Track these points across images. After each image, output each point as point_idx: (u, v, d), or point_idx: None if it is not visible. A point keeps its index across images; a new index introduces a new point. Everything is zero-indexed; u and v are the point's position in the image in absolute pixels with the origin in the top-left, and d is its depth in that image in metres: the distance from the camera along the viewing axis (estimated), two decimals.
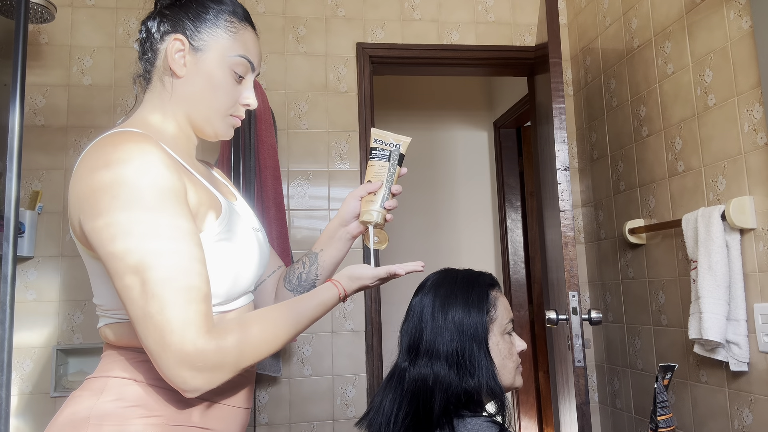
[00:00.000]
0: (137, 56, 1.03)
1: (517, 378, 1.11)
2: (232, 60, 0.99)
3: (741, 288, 1.63)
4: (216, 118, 1.00)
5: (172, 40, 0.96)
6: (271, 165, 2.22)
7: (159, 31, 0.98)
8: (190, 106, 0.99)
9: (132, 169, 0.83)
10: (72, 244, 2.26)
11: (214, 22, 0.98)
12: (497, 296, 1.12)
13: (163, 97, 0.99)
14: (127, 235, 0.81)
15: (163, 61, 0.98)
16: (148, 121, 0.98)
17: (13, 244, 1.41)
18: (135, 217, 0.81)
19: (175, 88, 0.98)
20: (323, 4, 2.59)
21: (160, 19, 0.99)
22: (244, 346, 0.85)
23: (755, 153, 1.61)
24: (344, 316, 2.44)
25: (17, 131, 1.46)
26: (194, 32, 0.97)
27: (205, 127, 1.01)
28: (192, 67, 0.97)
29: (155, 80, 1.00)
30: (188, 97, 0.98)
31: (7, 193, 1.43)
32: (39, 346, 2.20)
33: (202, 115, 1.00)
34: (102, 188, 0.82)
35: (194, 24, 0.97)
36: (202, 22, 0.97)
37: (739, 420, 1.68)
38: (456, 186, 4.06)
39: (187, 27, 0.97)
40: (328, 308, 0.98)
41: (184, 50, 0.97)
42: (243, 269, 0.97)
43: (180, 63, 0.97)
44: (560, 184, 1.78)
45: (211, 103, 0.99)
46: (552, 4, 1.90)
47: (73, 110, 2.34)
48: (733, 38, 1.69)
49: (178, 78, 0.97)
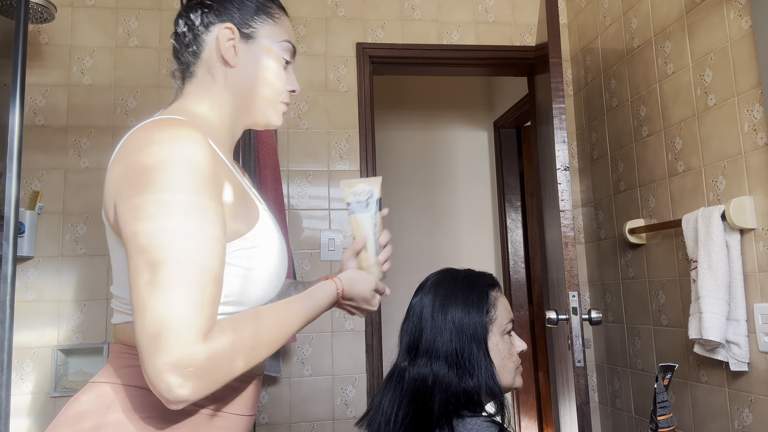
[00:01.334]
0: (174, 50, 1.00)
1: (517, 378, 1.11)
2: (281, 45, 0.99)
3: (741, 288, 1.63)
4: (269, 105, 1.00)
5: (222, 29, 0.95)
6: (271, 165, 2.22)
7: (203, 23, 0.96)
8: (243, 95, 0.98)
9: (173, 153, 0.80)
10: (72, 244, 2.26)
11: (259, 9, 0.98)
12: (497, 296, 1.12)
13: (212, 89, 0.97)
14: (152, 219, 0.77)
15: (213, 51, 0.96)
16: (193, 111, 0.95)
17: (13, 244, 1.41)
18: (165, 201, 0.77)
19: (229, 78, 0.96)
20: (323, 4, 2.59)
21: (202, 11, 0.97)
22: (237, 348, 0.79)
23: (755, 153, 1.61)
24: (344, 316, 2.44)
25: (17, 131, 1.46)
26: (242, 20, 0.96)
27: (259, 116, 1.00)
28: (244, 55, 0.96)
29: (200, 72, 0.97)
30: (241, 86, 0.97)
31: (7, 193, 1.43)
32: (39, 346, 2.20)
33: (257, 103, 0.99)
34: (142, 168, 0.79)
35: (240, 12, 0.96)
36: (247, 10, 0.97)
37: (739, 420, 1.68)
38: (456, 186, 4.06)
39: (234, 15, 0.96)
40: (326, 309, 0.95)
41: (235, 39, 0.96)
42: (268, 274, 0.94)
43: (232, 52, 0.95)
44: (560, 184, 1.78)
45: (265, 90, 0.98)
46: (552, 4, 1.90)
47: (73, 110, 2.34)
48: (733, 38, 1.69)
49: (231, 67, 0.96)
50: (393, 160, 3.99)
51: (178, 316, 0.73)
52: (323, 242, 2.46)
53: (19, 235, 2.09)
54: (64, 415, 0.87)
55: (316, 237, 2.46)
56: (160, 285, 0.74)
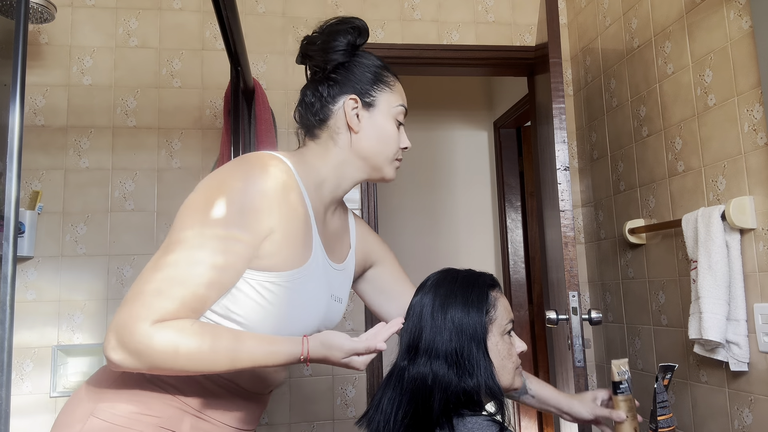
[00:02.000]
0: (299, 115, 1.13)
1: (517, 379, 1.11)
2: (396, 110, 1.11)
3: (741, 288, 1.63)
4: (386, 164, 1.11)
5: (347, 100, 1.07)
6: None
7: (330, 95, 1.08)
8: (363, 156, 1.09)
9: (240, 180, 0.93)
10: (72, 244, 2.27)
11: (376, 79, 1.10)
12: (497, 297, 1.12)
13: (332, 150, 1.08)
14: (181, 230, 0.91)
15: (338, 119, 1.08)
16: (307, 160, 1.07)
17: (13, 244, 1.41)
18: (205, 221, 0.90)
19: (352, 142, 1.08)
20: (323, 4, 2.59)
21: (329, 84, 1.09)
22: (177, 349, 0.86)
23: (755, 153, 1.61)
24: (344, 316, 2.44)
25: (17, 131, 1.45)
26: (363, 91, 1.08)
27: (375, 174, 1.12)
28: (366, 121, 1.08)
29: (324, 136, 1.09)
30: (364, 149, 1.08)
31: (7, 193, 1.43)
32: (39, 346, 2.20)
33: (376, 163, 1.10)
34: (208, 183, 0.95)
35: (361, 83, 1.09)
36: (366, 81, 1.09)
37: (739, 420, 1.68)
38: (456, 186, 4.06)
39: (356, 87, 1.08)
40: (282, 363, 0.94)
41: (358, 107, 1.08)
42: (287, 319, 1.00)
43: (356, 120, 1.07)
44: (560, 184, 1.78)
45: (383, 152, 1.09)
46: (552, 4, 1.90)
47: (73, 110, 2.34)
48: (733, 38, 1.69)
49: (355, 133, 1.07)
50: None
51: (145, 295, 0.86)
52: None
53: (19, 235, 2.09)
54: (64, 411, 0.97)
55: None
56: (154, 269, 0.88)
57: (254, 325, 0.96)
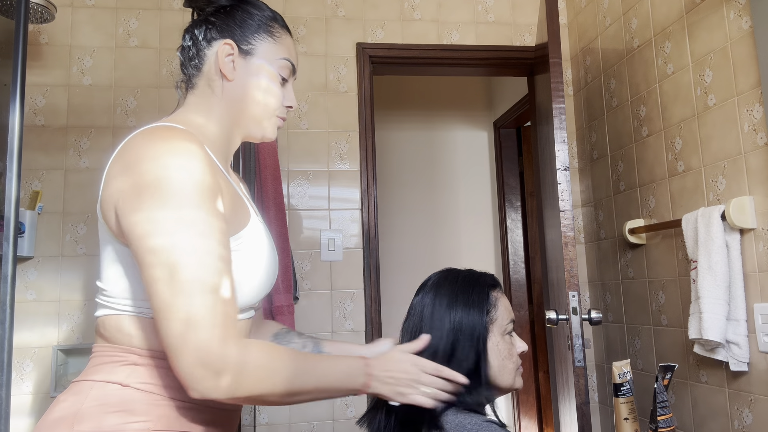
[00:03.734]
0: (180, 63, 1.05)
1: (517, 379, 1.11)
2: (278, 63, 1.03)
3: (741, 288, 1.63)
4: (265, 118, 1.04)
5: (221, 45, 1.00)
6: (271, 165, 2.22)
7: (206, 38, 1.01)
8: (240, 108, 1.02)
9: (176, 166, 0.84)
10: (72, 244, 2.27)
11: (260, 27, 1.03)
12: (498, 297, 1.12)
13: (211, 101, 1.02)
14: (163, 232, 0.82)
15: (212, 65, 1.01)
16: (193, 120, 1.00)
17: (13, 244, 1.41)
18: (174, 215, 0.83)
19: (226, 91, 1.01)
20: (323, 4, 2.59)
21: (206, 26, 1.02)
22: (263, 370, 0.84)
23: (755, 153, 1.61)
24: (344, 316, 2.44)
25: (17, 131, 1.46)
26: (242, 37, 1.01)
27: (254, 128, 1.05)
28: (241, 70, 1.01)
29: (201, 85, 1.02)
30: (239, 99, 1.01)
31: (7, 193, 1.43)
32: (39, 346, 2.20)
33: (252, 116, 1.03)
34: (146, 183, 0.84)
35: (241, 29, 1.01)
36: (248, 28, 1.02)
37: (739, 420, 1.68)
38: (456, 186, 4.06)
39: (235, 32, 1.01)
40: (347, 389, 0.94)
41: (234, 54, 1.00)
42: (251, 280, 0.97)
43: (230, 66, 1.00)
44: (560, 184, 1.78)
45: (260, 105, 1.02)
46: (552, 4, 1.90)
47: (73, 110, 2.34)
48: (733, 38, 1.69)
49: (229, 81, 1.00)
50: (393, 160, 3.99)
51: (203, 315, 0.80)
52: (323, 242, 2.46)
53: (19, 235, 2.09)
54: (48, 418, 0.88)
55: (316, 237, 2.46)
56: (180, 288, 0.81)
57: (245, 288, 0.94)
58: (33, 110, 2.32)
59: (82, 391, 0.89)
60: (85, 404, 0.86)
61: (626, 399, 1.30)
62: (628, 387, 1.28)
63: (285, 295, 2.17)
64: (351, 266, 2.46)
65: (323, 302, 2.43)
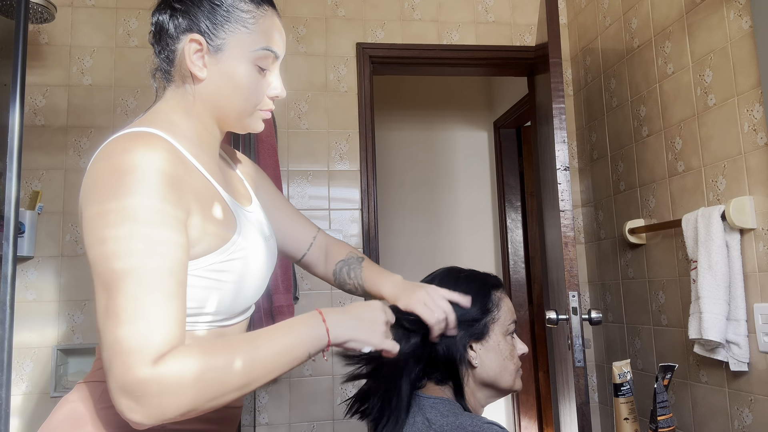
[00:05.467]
0: (154, 51, 0.95)
1: (517, 381, 1.11)
2: (255, 54, 0.91)
3: (741, 288, 1.63)
4: (244, 115, 0.95)
5: (188, 42, 0.89)
6: (271, 165, 2.22)
7: (174, 28, 0.91)
8: (215, 108, 0.93)
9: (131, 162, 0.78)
10: (72, 244, 2.27)
11: (231, 15, 0.90)
12: (501, 297, 1.12)
13: (186, 97, 0.93)
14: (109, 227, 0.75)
15: (181, 62, 0.91)
16: (169, 118, 0.92)
17: (13, 244, 1.41)
18: (121, 209, 0.75)
19: (198, 91, 0.92)
20: (323, 4, 2.59)
21: (171, 13, 0.91)
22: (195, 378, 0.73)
23: (755, 153, 1.61)
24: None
25: (17, 131, 1.46)
26: (211, 30, 0.89)
27: (236, 126, 0.96)
28: (213, 67, 0.90)
29: (177, 78, 0.93)
30: (212, 99, 0.92)
31: (7, 193, 1.43)
32: (39, 346, 2.20)
33: (230, 114, 0.94)
34: (100, 178, 0.78)
35: (210, 20, 0.89)
36: (217, 17, 0.90)
37: (739, 420, 1.68)
38: (456, 186, 4.06)
39: (203, 24, 0.89)
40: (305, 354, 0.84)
41: (202, 50, 0.90)
42: (248, 285, 0.91)
43: (199, 65, 0.90)
44: (560, 184, 1.78)
45: (237, 103, 0.93)
46: (552, 4, 1.90)
47: (73, 110, 2.34)
48: (733, 38, 1.69)
49: (200, 81, 0.91)
50: (393, 160, 3.99)
51: (126, 341, 0.72)
52: None
53: (19, 235, 2.09)
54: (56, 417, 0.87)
55: None
56: (112, 309, 0.73)
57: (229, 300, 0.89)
58: (33, 110, 2.31)
59: (89, 392, 0.87)
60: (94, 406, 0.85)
61: (626, 399, 1.30)
62: (628, 387, 1.28)
63: (285, 295, 2.17)
64: None
65: (323, 302, 2.43)
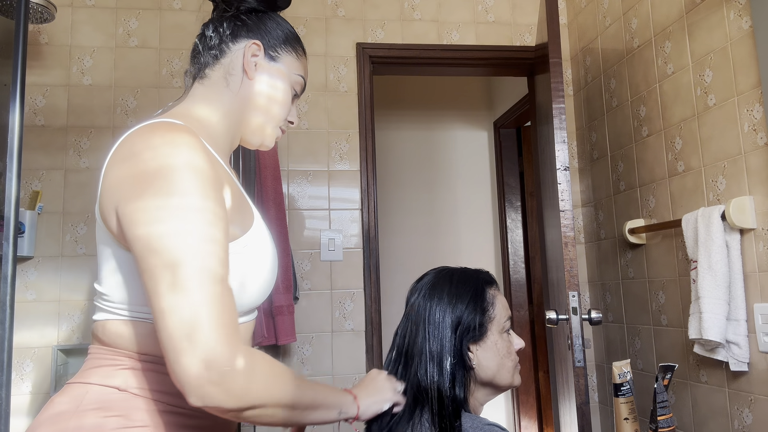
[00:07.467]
0: (193, 51, 1.06)
1: (516, 377, 1.11)
2: (295, 78, 1.06)
3: (741, 288, 1.63)
4: (269, 125, 1.05)
5: (250, 44, 1.02)
6: (271, 165, 2.22)
7: (233, 33, 1.03)
8: (250, 108, 1.03)
9: (177, 155, 0.82)
10: (72, 244, 2.27)
11: (287, 40, 1.06)
12: (495, 295, 1.11)
13: (223, 94, 1.01)
14: (162, 222, 0.78)
15: (234, 60, 1.02)
16: (193, 113, 0.99)
17: (13, 244, 1.41)
18: (176, 202, 0.79)
19: (242, 88, 1.02)
20: (323, 4, 2.59)
21: (236, 23, 1.04)
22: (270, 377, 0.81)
23: (755, 153, 1.61)
24: (344, 316, 2.44)
25: (17, 131, 1.46)
26: (270, 43, 1.04)
27: (255, 133, 1.05)
28: (262, 73, 1.03)
29: (215, 77, 1.02)
30: (251, 99, 1.02)
31: (7, 193, 1.43)
32: (39, 346, 2.20)
33: (259, 119, 1.04)
34: (146, 171, 0.81)
35: (270, 36, 1.04)
36: (276, 37, 1.05)
37: (739, 420, 1.68)
38: (456, 186, 4.06)
39: (265, 37, 1.03)
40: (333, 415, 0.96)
41: (259, 56, 1.02)
42: (262, 282, 0.96)
43: (253, 65, 1.02)
44: (560, 184, 1.78)
45: (270, 109, 1.04)
46: (552, 4, 1.90)
47: (73, 110, 2.34)
48: (733, 38, 1.69)
49: (249, 79, 1.02)
50: (393, 160, 3.99)
51: (209, 317, 0.75)
52: (323, 242, 2.46)
53: (19, 235, 2.09)
54: (42, 416, 0.87)
55: (316, 237, 2.46)
56: (182, 286, 0.76)
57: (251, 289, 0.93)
58: (33, 110, 2.31)
59: (77, 393, 0.87)
60: (81, 407, 0.84)
61: (626, 399, 1.29)
62: (628, 387, 1.28)
63: (285, 295, 2.17)
64: (351, 266, 2.47)
65: (323, 302, 2.43)
